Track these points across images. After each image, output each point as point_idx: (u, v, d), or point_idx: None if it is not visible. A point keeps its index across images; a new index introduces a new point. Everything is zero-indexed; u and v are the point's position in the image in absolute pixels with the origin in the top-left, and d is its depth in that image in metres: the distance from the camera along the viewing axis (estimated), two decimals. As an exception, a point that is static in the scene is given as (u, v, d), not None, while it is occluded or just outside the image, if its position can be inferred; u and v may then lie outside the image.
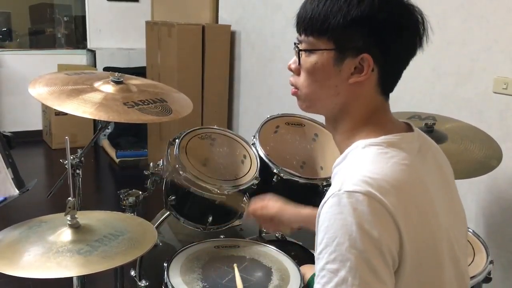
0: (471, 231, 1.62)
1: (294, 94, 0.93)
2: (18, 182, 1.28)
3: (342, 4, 0.82)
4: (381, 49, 0.83)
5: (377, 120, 0.89)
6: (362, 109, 0.88)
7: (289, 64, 0.92)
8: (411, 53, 0.87)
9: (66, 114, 4.82)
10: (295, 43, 0.90)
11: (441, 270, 0.84)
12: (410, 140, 0.88)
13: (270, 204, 1.34)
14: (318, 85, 0.88)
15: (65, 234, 1.13)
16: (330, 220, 0.76)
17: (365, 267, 0.73)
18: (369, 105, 0.88)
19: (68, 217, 1.15)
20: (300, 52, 0.88)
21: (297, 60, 0.90)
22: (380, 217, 0.75)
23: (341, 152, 0.90)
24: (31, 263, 1.05)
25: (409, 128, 0.92)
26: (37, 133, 4.96)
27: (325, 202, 0.79)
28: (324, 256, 0.75)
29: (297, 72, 0.91)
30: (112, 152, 4.53)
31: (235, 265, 1.37)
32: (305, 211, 1.29)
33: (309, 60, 0.87)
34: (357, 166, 0.82)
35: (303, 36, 0.88)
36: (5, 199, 1.25)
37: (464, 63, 2.07)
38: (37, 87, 1.39)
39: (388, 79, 0.88)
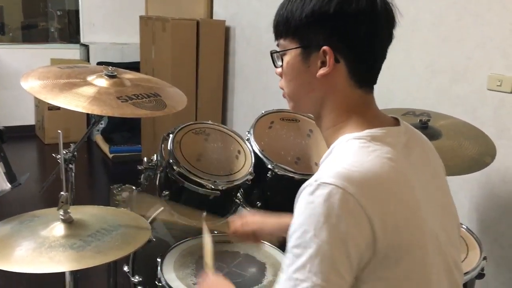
0: (465, 227, 1.63)
1: (284, 96, 0.98)
2: (10, 176, 1.26)
3: (298, 3, 0.87)
4: (339, 39, 0.85)
5: (360, 114, 0.90)
6: (340, 102, 0.90)
7: (275, 70, 0.97)
8: (376, 40, 0.87)
9: (59, 108, 4.77)
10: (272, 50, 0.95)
11: (426, 264, 0.84)
12: (396, 134, 0.89)
13: (249, 220, 1.34)
14: (293, 83, 0.92)
15: (58, 229, 1.12)
16: (301, 207, 0.78)
17: (324, 258, 0.74)
18: (346, 98, 0.89)
19: (61, 212, 1.14)
20: (275, 55, 0.94)
21: (274, 64, 0.95)
22: (351, 211, 0.76)
23: (328, 146, 0.92)
24: (23, 257, 1.04)
25: (396, 123, 0.93)
26: (30, 128, 4.93)
27: (302, 190, 0.80)
28: (292, 239, 0.78)
29: (280, 75, 0.96)
30: (105, 147, 4.51)
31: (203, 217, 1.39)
32: (285, 220, 1.27)
33: (284, 61, 0.92)
34: (338, 159, 0.83)
35: (277, 41, 0.94)
36: (-3, 193, 1.24)
37: (458, 60, 2.07)
38: (29, 80, 1.37)
39: (359, 69, 0.88)
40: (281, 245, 1.67)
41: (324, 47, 0.85)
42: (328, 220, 0.75)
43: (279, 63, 0.94)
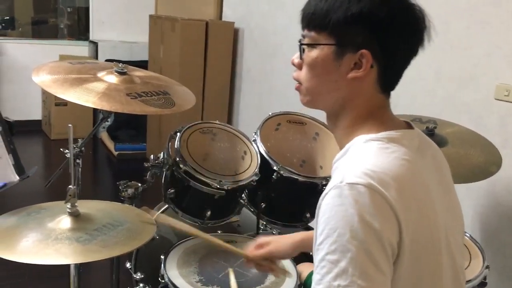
0: (468, 235, 1.63)
1: (297, 88, 0.95)
2: (19, 168, 1.27)
3: (343, 0, 0.83)
4: (381, 46, 0.84)
5: (377, 116, 0.90)
6: (362, 105, 0.89)
7: (293, 58, 0.94)
8: (411, 52, 0.88)
9: (66, 104, 4.78)
10: (299, 39, 0.92)
11: (439, 265, 0.85)
12: (411, 137, 0.89)
13: (263, 241, 1.27)
14: (318, 79, 0.90)
15: (65, 222, 1.13)
16: (331, 211, 0.76)
17: (365, 258, 0.73)
18: (369, 101, 0.89)
19: (68, 205, 1.14)
20: (302, 46, 0.90)
21: (299, 54, 0.92)
22: (381, 209, 0.75)
23: (341, 148, 0.91)
24: (29, 248, 1.04)
25: (409, 127, 0.94)
26: (37, 122, 4.95)
27: (326, 194, 0.79)
28: (324, 247, 0.76)
29: (299, 66, 0.93)
30: (110, 144, 4.52)
31: (230, 269, 1.35)
32: (298, 237, 1.25)
33: (310, 54, 0.89)
34: (359, 159, 0.83)
35: (306, 31, 0.90)
36: (5, 184, 1.25)
37: (465, 68, 2.08)
38: (40, 74, 1.39)
39: (388, 77, 0.88)
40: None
41: (363, 51, 0.84)
42: (362, 219, 0.74)
43: (302, 54, 0.90)
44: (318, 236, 0.78)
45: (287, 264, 1.41)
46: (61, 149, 1.49)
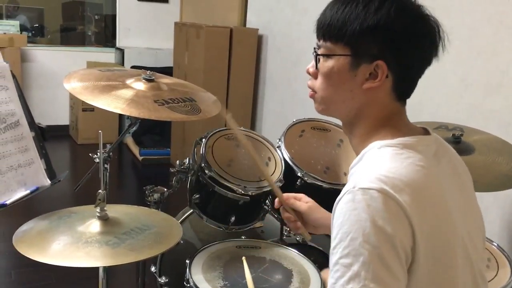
0: (496, 244, 1.60)
1: (311, 96, 0.97)
2: (50, 173, 1.31)
3: (359, 11, 0.85)
4: (396, 57, 0.85)
5: (392, 123, 0.91)
6: (377, 114, 0.91)
7: (308, 68, 0.96)
8: (426, 62, 0.89)
9: (93, 110, 4.87)
10: (314, 48, 0.94)
11: (455, 271, 0.84)
12: (426, 143, 0.90)
13: (304, 199, 1.28)
14: (333, 89, 0.91)
15: (94, 225, 1.16)
16: (344, 215, 0.78)
17: (378, 262, 0.74)
18: (384, 110, 0.90)
19: (98, 209, 1.17)
20: (318, 56, 0.92)
21: (314, 64, 0.94)
22: (394, 213, 0.76)
23: (357, 153, 0.93)
24: (60, 251, 1.08)
25: (425, 132, 0.94)
26: (64, 127, 5.06)
27: (340, 199, 0.81)
28: (338, 251, 0.77)
29: (315, 75, 0.95)
30: (135, 149, 4.59)
31: (243, 258, 1.39)
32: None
33: (326, 64, 0.91)
34: (373, 165, 0.84)
35: (321, 41, 0.92)
36: (37, 188, 1.29)
37: (493, 75, 2.05)
38: (71, 81, 1.43)
39: (403, 86, 0.90)
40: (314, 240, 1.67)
41: (379, 61, 0.85)
42: (375, 224, 0.75)
43: (318, 64, 0.92)
44: (333, 240, 0.79)
45: (311, 270, 1.41)
46: (90, 154, 1.53)
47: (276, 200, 1.29)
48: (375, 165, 0.83)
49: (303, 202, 1.28)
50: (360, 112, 0.91)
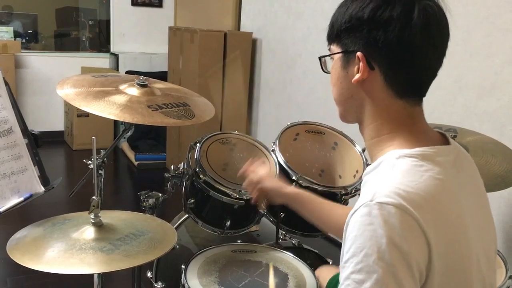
0: (491, 245, 1.61)
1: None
2: (44, 179, 1.31)
3: (342, 9, 0.88)
4: (374, 46, 0.84)
5: (407, 128, 0.88)
6: (379, 112, 0.88)
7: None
8: (415, 51, 0.84)
9: (87, 115, 4.86)
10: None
11: (469, 286, 0.83)
12: (446, 154, 0.87)
13: (260, 171, 1.42)
14: (335, 89, 0.93)
15: (88, 232, 1.16)
16: (359, 230, 0.75)
17: (391, 280, 0.72)
18: (386, 107, 0.88)
19: (92, 215, 1.17)
20: (321, 60, 0.95)
21: (323, 69, 0.97)
22: (411, 231, 0.74)
23: (370, 157, 0.91)
24: (55, 258, 1.07)
25: (444, 140, 0.92)
26: (59, 133, 5.05)
27: (355, 211, 0.78)
28: (350, 266, 0.75)
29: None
30: (131, 154, 4.59)
31: (271, 263, 1.44)
32: (288, 189, 1.38)
33: (329, 66, 0.94)
34: (391, 177, 0.81)
35: (328, 46, 0.94)
36: (31, 195, 1.28)
37: (487, 76, 2.06)
38: (65, 87, 1.43)
39: (397, 79, 0.86)
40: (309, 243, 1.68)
41: (358, 53, 0.85)
42: (391, 241, 0.73)
43: (329, 68, 0.94)
44: (345, 254, 0.77)
45: (306, 273, 1.41)
46: (84, 160, 1.52)
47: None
48: (393, 177, 0.80)
49: (259, 171, 1.42)
50: (362, 110, 0.90)
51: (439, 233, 0.77)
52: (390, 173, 0.82)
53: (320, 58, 0.95)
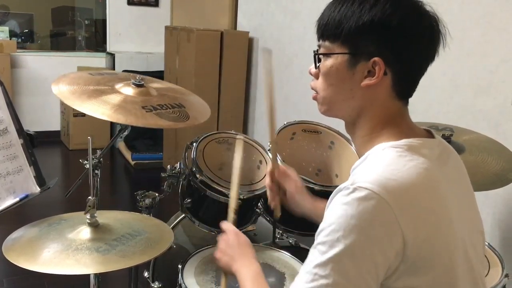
0: (487, 244, 1.61)
1: (314, 98, 0.97)
2: (40, 180, 1.30)
3: (355, 9, 0.85)
4: (393, 53, 0.85)
5: (396, 124, 0.90)
6: (379, 113, 0.90)
7: (310, 68, 0.95)
8: (426, 58, 0.88)
9: (84, 115, 4.84)
10: (315, 49, 0.94)
11: (455, 276, 0.84)
12: (431, 147, 0.89)
13: (294, 177, 1.30)
14: (333, 88, 0.91)
15: (84, 232, 1.15)
16: (334, 207, 0.79)
17: (349, 259, 0.75)
18: (385, 109, 0.89)
19: (88, 216, 1.17)
20: (317, 56, 0.92)
21: (315, 64, 0.94)
22: (384, 219, 0.76)
23: (360, 156, 0.91)
24: (50, 259, 1.07)
25: (430, 135, 0.93)
26: (55, 133, 5.03)
27: (338, 191, 0.81)
28: (319, 236, 0.79)
29: (316, 76, 0.94)
30: (127, 154, 4.57)
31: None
32: (318, 204, 1.28)
33: (325, 64, 0.91)
34: (375, 165, 0.83)
35: (321, 41, 0.92)
36: (27, 196, 1.28)
37: (482, 75, 2.06)
38: (60, 85, 1.41)
39: (403, 84, 0.89)
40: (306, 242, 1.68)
41: (376, 58, 0.85)
42: (359, 223, 0.75)
43: (318, 63, 0.92)
44: (320, 225, 0.80)
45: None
46: (80, 160, 1.52)
47: (270, 168, 1.30)
48: (377, 166, 0.82)
49: (292, 180, 1.29)
50: (361, 111, 0.91)
51: (418, 222, 0.78)
52: (374, 162, 0.84)
53: (315, 55, 0.92)
